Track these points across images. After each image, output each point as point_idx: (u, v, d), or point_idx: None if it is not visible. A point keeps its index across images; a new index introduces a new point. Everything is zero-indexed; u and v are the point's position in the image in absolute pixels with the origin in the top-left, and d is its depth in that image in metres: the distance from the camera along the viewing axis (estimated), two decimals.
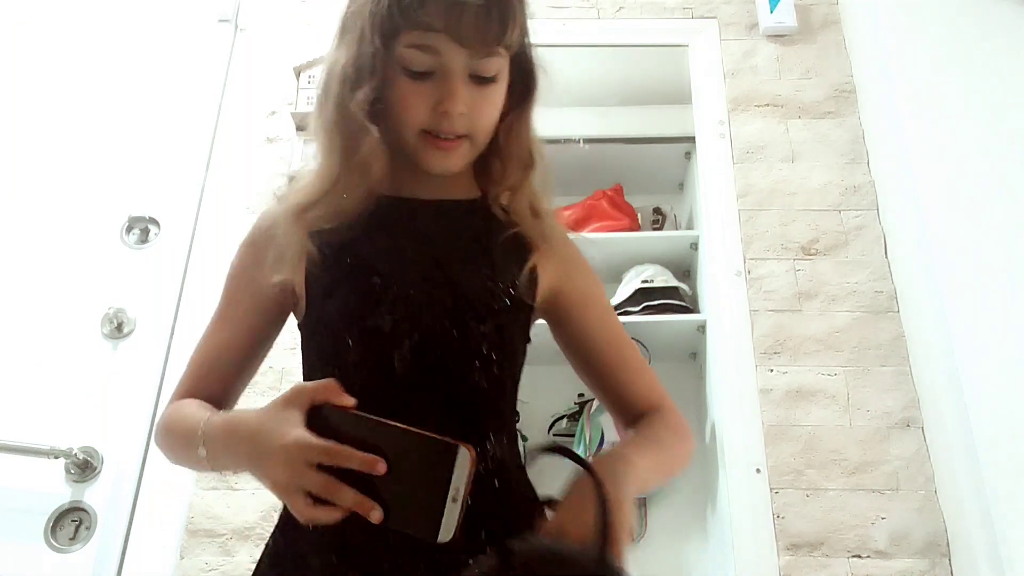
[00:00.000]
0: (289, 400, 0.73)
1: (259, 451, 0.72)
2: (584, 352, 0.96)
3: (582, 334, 0.95)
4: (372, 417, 0.70)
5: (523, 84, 0.92)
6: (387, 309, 0.84)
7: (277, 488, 0.71)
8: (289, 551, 0.85)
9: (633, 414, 0.94)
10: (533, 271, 0.91)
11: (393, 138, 0.88)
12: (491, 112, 0.88)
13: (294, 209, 0.89)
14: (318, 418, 0.71)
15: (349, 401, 0.72)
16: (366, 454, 0.67)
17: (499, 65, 0.86)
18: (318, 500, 0.68)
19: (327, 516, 0.68)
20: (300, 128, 2.00)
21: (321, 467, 0.68)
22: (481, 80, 0.85)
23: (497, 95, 0.88)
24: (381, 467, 0.67)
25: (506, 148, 0.92)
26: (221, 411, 0.85)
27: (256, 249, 0.94)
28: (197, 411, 0.85)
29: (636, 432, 0.92)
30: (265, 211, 0.98)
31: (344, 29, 0.88)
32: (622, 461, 0.79)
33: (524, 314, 0.91)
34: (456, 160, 0.89)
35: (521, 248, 0.91)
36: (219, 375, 0.93)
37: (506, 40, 0.84)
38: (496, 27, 0.82)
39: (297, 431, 0.70)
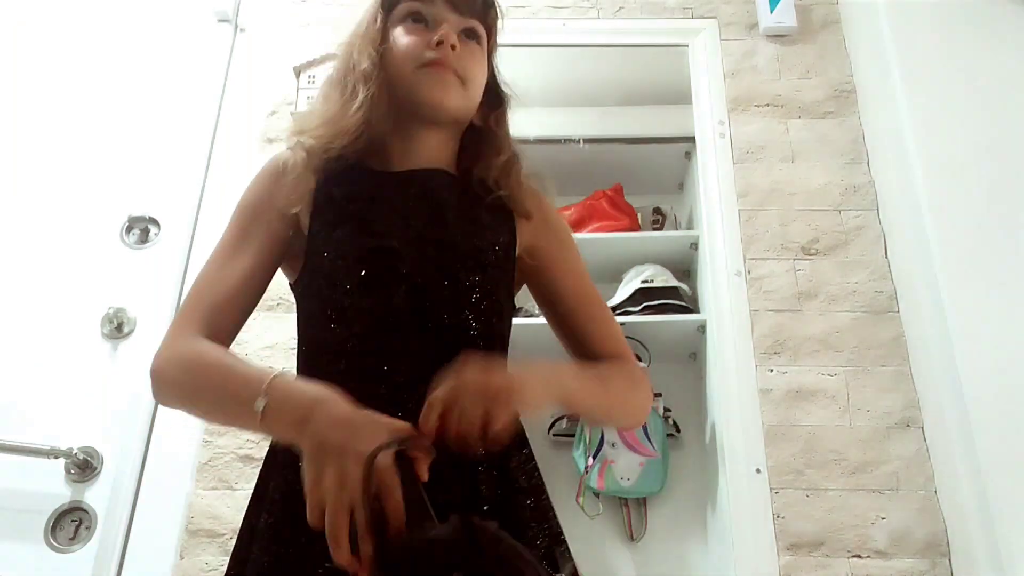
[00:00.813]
0: (388, 423, 0.72)
1: (350, 432, 0.70)
2: (555, 304, 1.04)
3: (554, 287, 1.04)
4: (423, 498, 0.69)
5: (494, 96, 1.05)
6: (383, 256, 0.90)
7: (328, 471, 0.68)
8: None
9: (592, 359, 1.01)
10: (513, 230, 1.00)
11: (392, 90, 0.97)
12: (477, 67, 1.00)
13: (304, 134, 0.98)
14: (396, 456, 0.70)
15: (423, 472, 0.71)
16: (399, 514, 0.67)
17: (481, 33, 1.01)
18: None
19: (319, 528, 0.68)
20: None
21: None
22: (470, 35, 0.99)
23: (481, 58, 1.01)
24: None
25: (487, 144, 1.03)
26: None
27: (270, 182, 0.99)
28: (247, 363, 0.84)
29: (587, 365, 1.00)
30: (278, 154, 1.04)
31: (359, 21, 1.03)
32: (550, 367, 0.86)
33: (508, 270, 0.99)
34: (451, 94, 0.97)
35: (503, 210, 1.00)
36: (235, 308, 0.92)
37: (487, 19, 1.01)
38: (480, 4, 1.00)
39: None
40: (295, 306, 0.99)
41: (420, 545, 0.65)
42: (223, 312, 0.91)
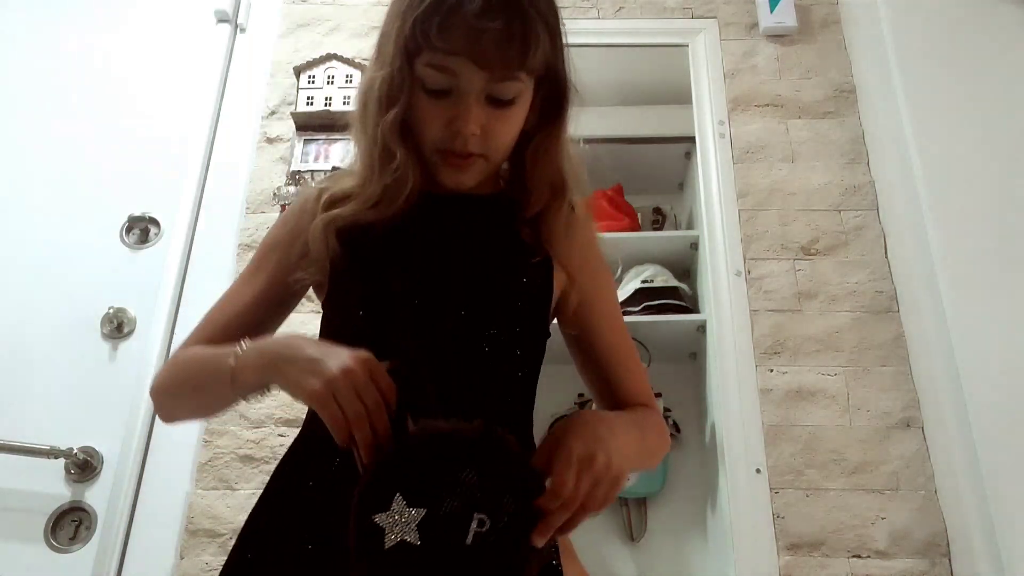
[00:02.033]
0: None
1: (315, 350, 0.75)
2: (588, 351, 0.99)
3: (589, 334, 0.98)
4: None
5: (553, 104, 0.92)
6: (401, 296, 0.86)
7: (318, 384, 0.71)
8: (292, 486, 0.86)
9: (618, 406, 0.98)
10: (548, 272, 0.93)
11: (420, 153, 0.91)
12: (506, 133, 0.88)
13: (327, 219, 0.91)
14: None
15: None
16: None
17: (518, 89, 0.86)
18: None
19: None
20: (300, 128, 2.00)
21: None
22: (499, 103, 0.85)
23: (514, 117, 0.88)
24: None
25: (533, 170, 0.93)
26: None
27: (293, 229, 0.96)
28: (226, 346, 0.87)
29: (626, 412, 0.96)
30: (309, 190, 1.01)
31: (379, 48, 0.90)
32: (605, 422, 0.82)
33: (541, 303, 0.92)
34: (469, 177, 0.90)
35: (537, 248, 0.93)
36: (241, 326, 0.93)
37: (528, 65, 0.84)
38: (517, 52, 0.82)
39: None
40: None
41: (442, 432, 0.68)
42: (227, 332, 0.92)
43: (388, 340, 0.84)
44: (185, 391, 0.90)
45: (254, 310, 0.95)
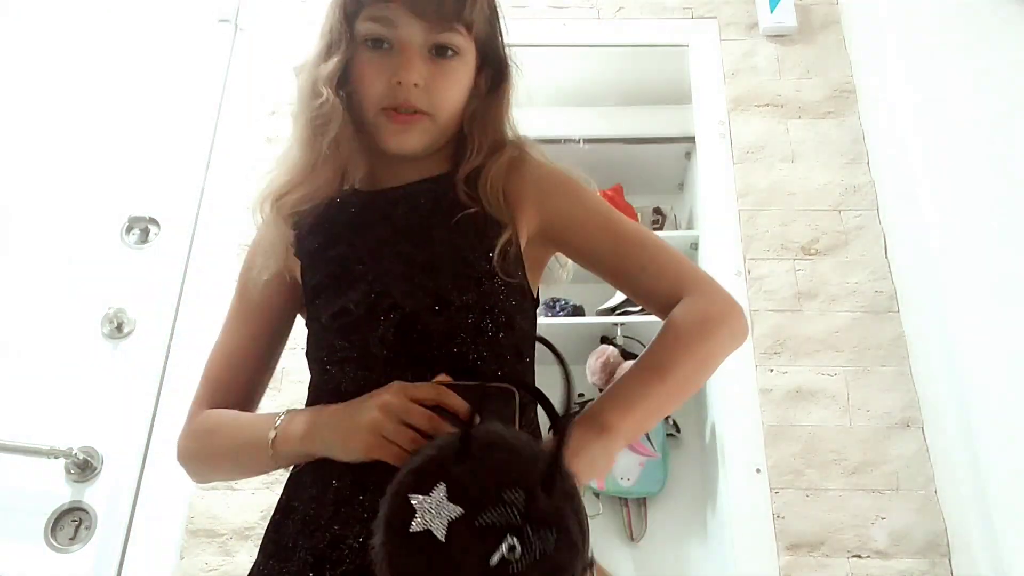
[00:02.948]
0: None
1: (350, 408, 0.76)
2: (595, 264, 0.93)
3: (585, 251, 0.93)
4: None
5: (494, 74, 0.93)
6: (361, 294, 0.84)
7: (364, 437, 0.73)
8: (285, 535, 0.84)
9: (664, 310, 0.90)
10: (508, 241, 0.87)
11: (360, 123, 0.89)
12: (451, 88, 0.87)
13: (271, 197, 0.91)
14: None
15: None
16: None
17: (459, 42, 0.86)
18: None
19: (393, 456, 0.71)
20: None
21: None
22: (440, 53, 0.86)
23: (458, 72, 0.88)
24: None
25: (471, 134, 0.92)
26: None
27: (252, 252, 0.96)
28: (255, 414, 0.87)
29: (635, 365, 0.87)
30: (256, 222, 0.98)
31: (320, 31, 0.92)
32: (596, 430, 0.77)
33: (515, 272, 0.87)
34: (414, 138, 0.88)
35: (489, 221, 0.89)
36: (240, 378, 0.93)
37: (465, 16, 0.85)
38: (452, 1, 0.84)
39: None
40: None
41: (507, 443, 0.66)
42: (228, 386, 0.93)
43: (365, 358, 0.83)
44: (222, 464, 0.91)
45: (249, 349, 0.94)
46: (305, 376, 0.90)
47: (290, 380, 1.69)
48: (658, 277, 0.90)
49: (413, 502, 0.63)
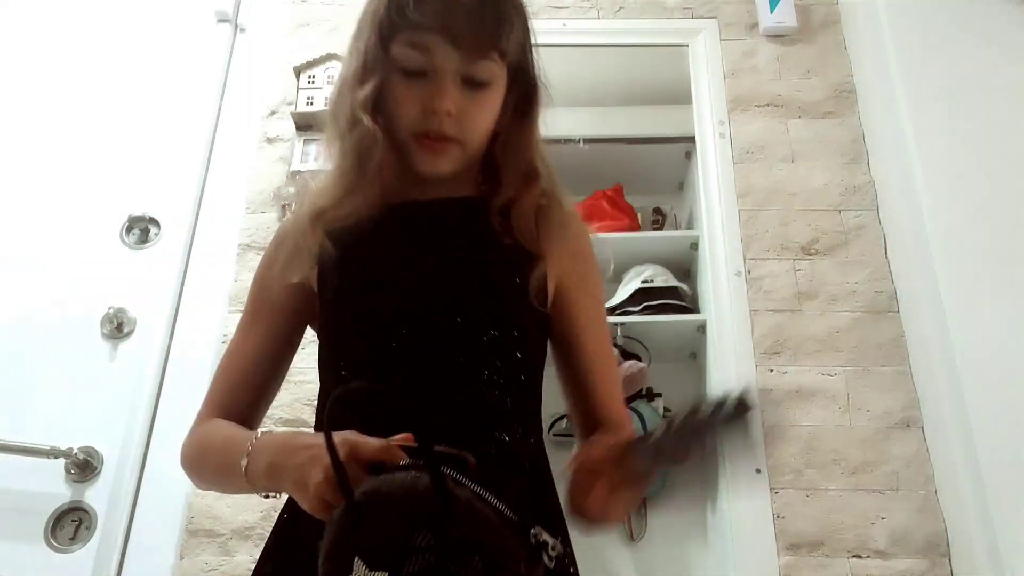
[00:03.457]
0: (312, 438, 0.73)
1: (304, 454, 0.70)
2: (570, 355, 0.95)
3: (573, 337, 0.94)
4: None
5: (523, 100, 0.93)
6: (386, 301, 0.85)
7: (306, 490, 0.68)
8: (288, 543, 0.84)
9: (596, 426, 0.93)
10: (540, 277, 0.90)
11: (394, 143, 0.89)
12: (482, 117, 0.88)
13: (311, 213, 0.91)
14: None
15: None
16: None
17: (493, 71, 0.87)
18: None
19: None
20: (300, 128, 1.99)
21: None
22: (474, 84, 0.86)
23: (490, 101, 0.88)
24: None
25: (503, 162, 0.93)
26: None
27: (274, 256, 0.95)
28: (240, 430, 0.86)
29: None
30: (284, 221, 1.00)
31: (354, 37, 0.90)
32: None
33: (533, 310, 0.89)
34: (445, 162, 0.89)
35: (522, 252, 0.90)
36: (249, 385, 0.93)
37: (500, 44, 0.85)
38: (489, 31, 0.84)
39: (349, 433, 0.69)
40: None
41: (386, 492, 0.63)
42: (237, 393, 0.92)
43: (385, 364, 0.83)
44: (212, 479, 0.91)
45: (261, 357, 0.94)
46: (305, 376, 0.90)
47: (291, 380, 1.70)
48: (614, 396, 0.95)
49: None
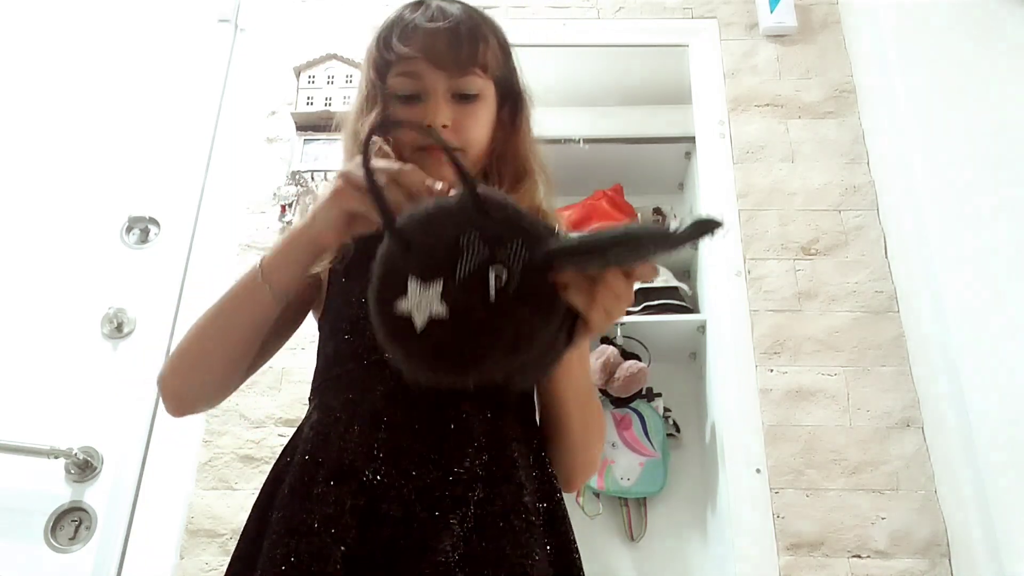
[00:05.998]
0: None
1: (321, 195, 0.81)
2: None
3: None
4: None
5: (511, 110, 1.02)
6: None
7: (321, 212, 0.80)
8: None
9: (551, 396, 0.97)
10: None
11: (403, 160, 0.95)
12: (476, 126, 0.97)
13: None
14: None
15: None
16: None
17: (478, 84, 0.96)
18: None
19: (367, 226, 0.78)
20: (300, 128, 1.99)
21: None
22: (464, 98, 0.95)
23: (481, 112, 0.97)
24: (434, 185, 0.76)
25: (500, 164, 1.01)
26: None
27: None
28: None
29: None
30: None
31: (358, 89, 1.01)
32: None
33: None
34: (449, 169, 0.91)
35: None
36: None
37: (480, 60, 0.95)
38: (467, 48, 0.94)
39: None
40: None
41: (428, 211, 0.69)
42: None
43: (376, 352, 0.85)
44: (211, 339, 0.92)
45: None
46: (305, 376, 0.90)
47: (290, 380, 1.70)
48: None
49: (402, 309, 0.65)
